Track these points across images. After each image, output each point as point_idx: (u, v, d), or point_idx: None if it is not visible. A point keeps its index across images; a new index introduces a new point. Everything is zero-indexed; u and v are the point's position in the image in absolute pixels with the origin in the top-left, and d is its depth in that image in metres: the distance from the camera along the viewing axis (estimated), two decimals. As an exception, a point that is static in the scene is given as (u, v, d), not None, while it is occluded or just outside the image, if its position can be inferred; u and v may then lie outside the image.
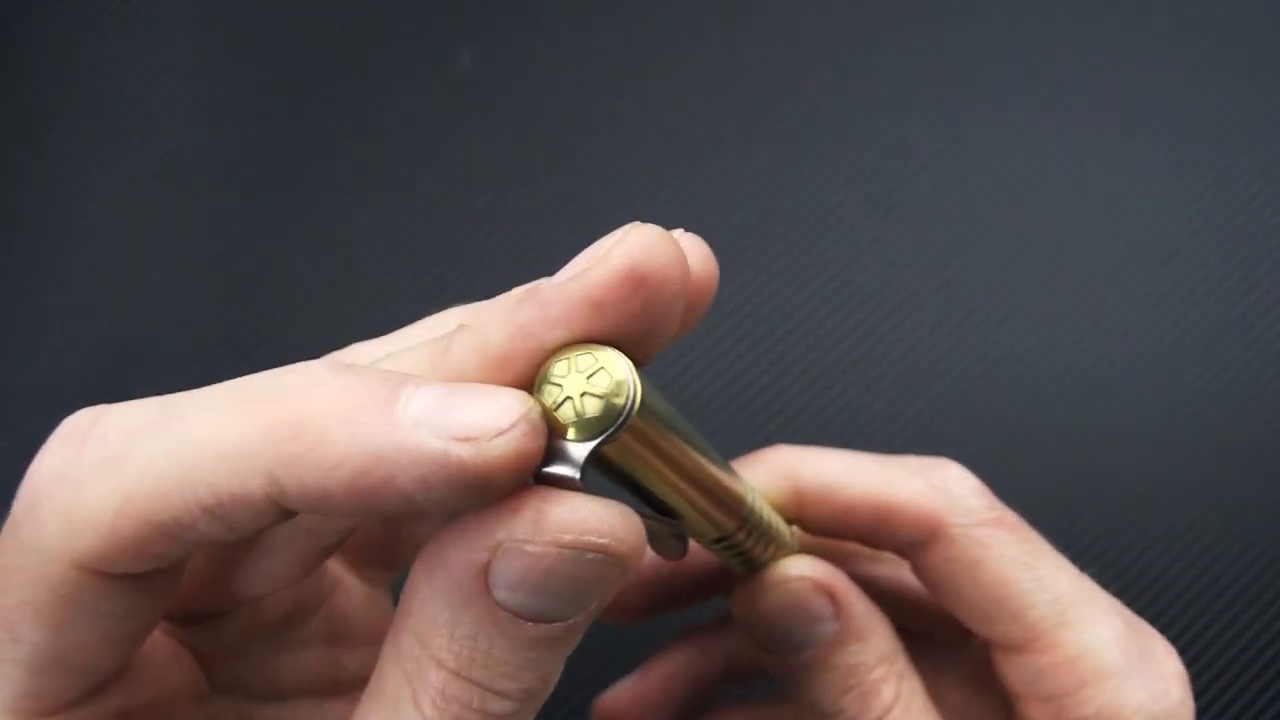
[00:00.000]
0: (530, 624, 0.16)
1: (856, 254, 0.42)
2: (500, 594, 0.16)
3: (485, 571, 0.16)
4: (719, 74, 0.44)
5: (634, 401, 0.16)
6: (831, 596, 0.24)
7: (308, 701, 0.23)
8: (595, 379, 0.16)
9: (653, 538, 0.21)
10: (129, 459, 0.16)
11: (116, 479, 0.16)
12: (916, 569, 0.26)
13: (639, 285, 0.16)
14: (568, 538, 0.15)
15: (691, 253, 0.18)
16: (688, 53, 0.44)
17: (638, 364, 0.17)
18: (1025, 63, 0.44)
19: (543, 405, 0.16)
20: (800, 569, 0.25)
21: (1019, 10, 0.44)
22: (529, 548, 0.15)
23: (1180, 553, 0.38)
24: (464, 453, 0.14)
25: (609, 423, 0.16)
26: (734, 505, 0.22)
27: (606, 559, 0.16)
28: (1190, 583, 0.38)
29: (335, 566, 0.24)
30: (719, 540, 0.23)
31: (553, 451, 0.16)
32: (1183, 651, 0.38)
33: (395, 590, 0.20)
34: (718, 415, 0.40)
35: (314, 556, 0.20)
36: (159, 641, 0.20)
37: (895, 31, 0.44)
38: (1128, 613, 0.26)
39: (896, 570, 0.28)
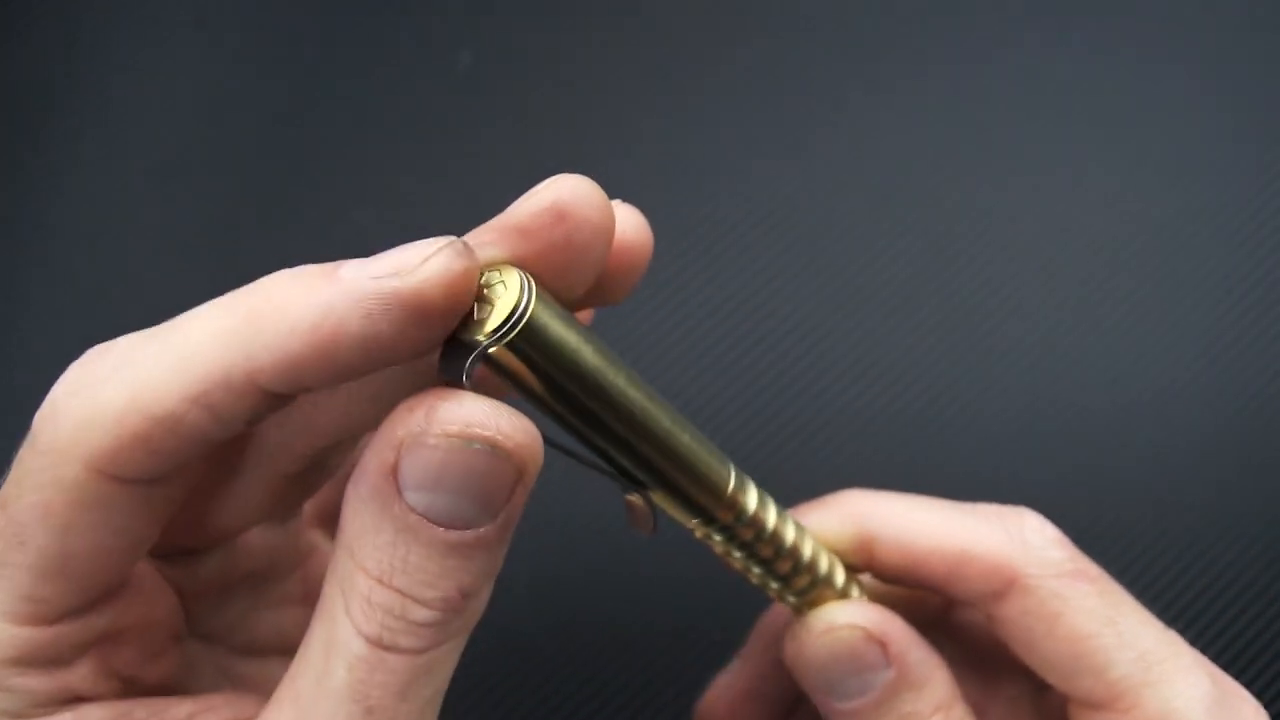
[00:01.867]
0: (442, 530, 0.17)
1: (856, 255, 0.42)
2: (409, 496, 0.17)
3: (395, 472, 0.17)
4: (720, 74, 0.44)
5: (523, 313, 0.17)
6: (884, 645, 0.24)
7: (283, 661, 0.23)
8: (495, 290, 0.18)
9: (629, 510, 0.21)
10: (132, 365, 0.18)
11: (121, 381, 0.18)
12: (992, 620, 0.25)
13: (561, 218, 0.18)
14: (455, 428, 0.17)
15: (627, 219, 0.21)
16: (688, 53, 0.44)
17: (567, 300, 0.18)
18: (1026, 63, 0.44)
19: None
20: (850, 616, 0.24)
21: (1020, 10, 0.44)
22: (425, 440, 0.17)
23: (1180, 553, 0.38)
24: (395, 282, 0.17)
25: (498, 329, 0.17)
26: (705, 478, 0.21)
27: (494, 452, 0.17)
28: (1189, 583, 0.38)
29: (312, 533, 0.25)
30: (714, 527, 0.22)
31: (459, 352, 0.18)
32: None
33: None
34: (718, 416, 0.40)
35: (279, 485, 0.22)
36: (145, 572, 0.21)
37: (896, 31, 0.44)
38: (1215, 670, 0.25)
39: (972, 614, 0.28)
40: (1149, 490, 0.39)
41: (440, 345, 0.18)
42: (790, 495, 0.39)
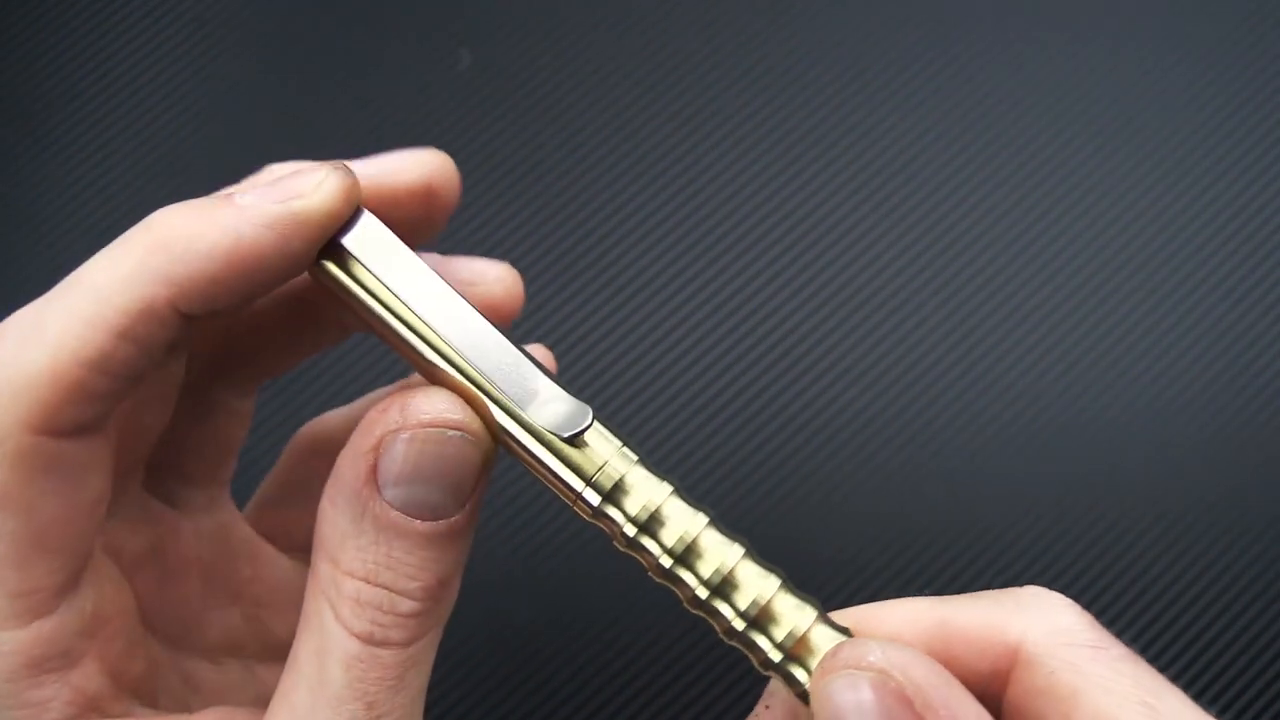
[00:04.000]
0: (419, 522, 0.19)
1: (856, 254, 0.42)
2: (387, 493, 0.19)
3: (374, 473, 0.19)
4: (719, 73, 0.44)
5: (359, 212, 0.20)
6: (917, 714, 0.17)
7: (240, 663, 0.24)
8: None
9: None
10: (44, 323, 0.18)
11: (42, 341, 0.18)
12: (1006, 715, 0.19)
13: (431, 195, 0.22)
14: (428, 418, 0.19)
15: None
16: (687, 53, 0.44)
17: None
18: (1027, 62, 0.44)
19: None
20: (875, 656, 0.17)
21: (1021, 10, 0.44)
22: (402, 435, 0.19)
23: (1180, 553, 0.38)
24: (302, 203, 0.19)
25: (346, 221, 0.20)
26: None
27: (465, 436, 0.19)
28: (1191, 583, 0.38)
29: (254, 540, 0.26)
30: (589, 502, 0.19)
31: None
32: (1182, 654, 0.38)
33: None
34: (718, 416, 0.40)
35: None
36: (103, 561, 0.21)
37: (896, 30, 0.44)
38: None
39: None
40: (1149, 490, 0.39)
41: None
42: (790, 495, 0.39)
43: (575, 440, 0.19)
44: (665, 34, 0.45)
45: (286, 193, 0.19)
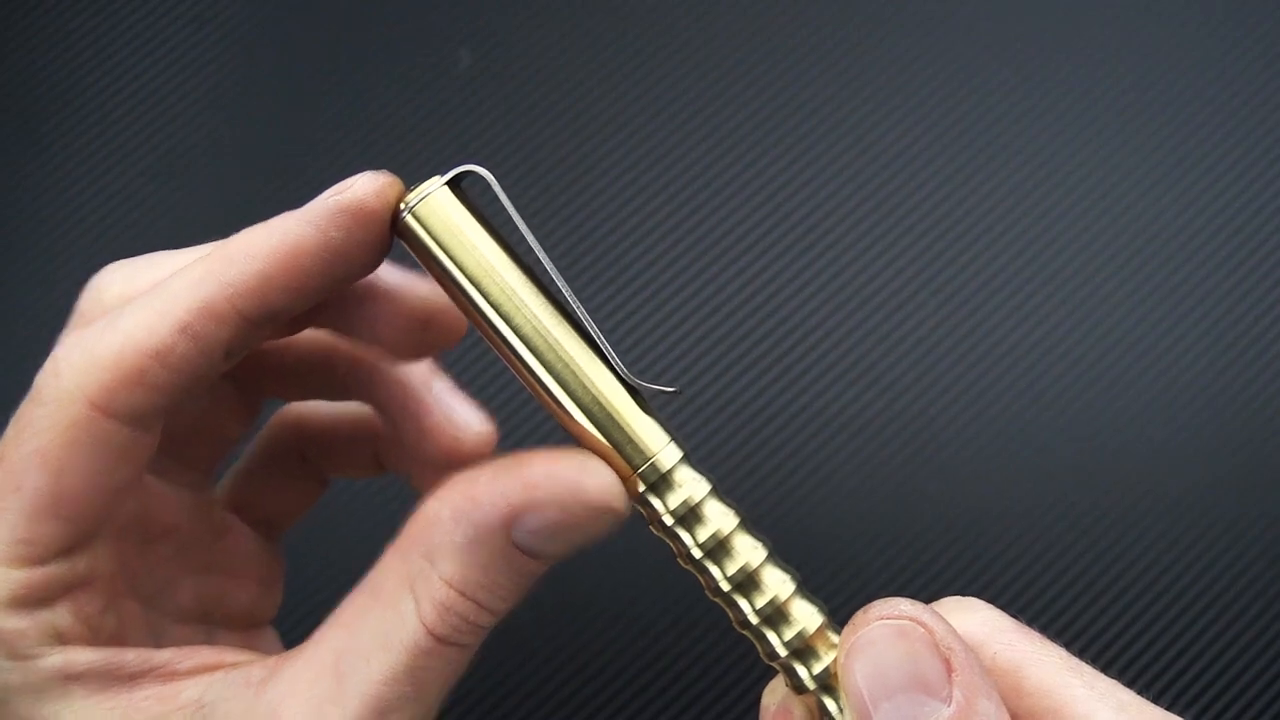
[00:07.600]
0: (532, 560, 0.20)
1: (856, 255, 0.42)
2: (520, 536, 0.20)
3: (513, 517, 0.20)
4: (719, 74, 0.44)
5: (428, 194, 0.20)
6: (948, 665, 0.19)
7: (204, 627, 0.26)
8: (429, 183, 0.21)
9: None
10: (122, 316, 0.20)
11: (115, 329, 0.20)
12: None
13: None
14: (592, 498, 0.20)
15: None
16: (688, 52, 0.44)
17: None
18: (1027, 62, 0.44)
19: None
20: (905, 608, 0.20)
21: (1020, 9, 0.44)
22: (564, 508, 0.20)
23: (1180, 553, 0.38)
24: (336, 197, 0.20)
25: (411, 201, 0.20)
26: (607, 417, 0.20)
27: (614, 516, 0.20)
28: (1192, 581, 0.38)
29: (225, 514, 0.27)
30: (644, 495, 0.21)
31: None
32: (1185, 651, 0.38)
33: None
34: (718, 416, 0.40)
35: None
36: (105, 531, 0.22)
37: (896, 31, 0.44)
38: None
39: None
40: (1149, 490, 0.39)
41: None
42: (789, 493, 0.39)
43: (642, 403, 0.21)
44: (665, 33, 0.45)
45: (329, 193, 0.20)
